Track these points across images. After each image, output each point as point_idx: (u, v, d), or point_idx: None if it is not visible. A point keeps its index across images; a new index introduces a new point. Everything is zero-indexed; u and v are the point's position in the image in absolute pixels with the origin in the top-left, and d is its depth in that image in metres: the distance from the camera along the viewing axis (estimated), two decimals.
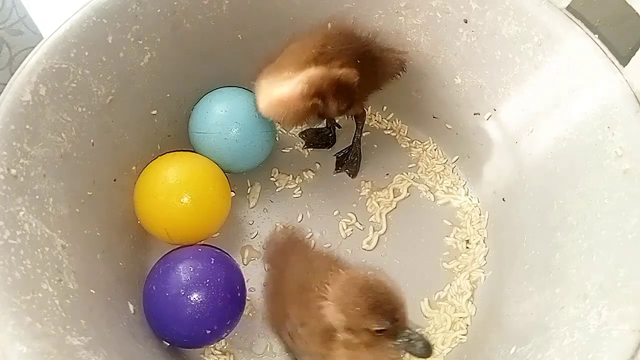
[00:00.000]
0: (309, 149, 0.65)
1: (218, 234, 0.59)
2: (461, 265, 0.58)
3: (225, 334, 0.52)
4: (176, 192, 0.52)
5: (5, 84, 0.43)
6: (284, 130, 0.66)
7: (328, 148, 0.64)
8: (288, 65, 0.51)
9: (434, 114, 0.62)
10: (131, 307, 0.51)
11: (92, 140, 0.50)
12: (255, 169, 0.62)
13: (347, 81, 0.51)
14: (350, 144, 0.63)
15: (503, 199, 0.57)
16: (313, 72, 0.50)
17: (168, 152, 0.57)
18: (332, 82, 0.51)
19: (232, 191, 0.58)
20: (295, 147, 0.65)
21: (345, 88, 0.52)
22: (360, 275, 0.41)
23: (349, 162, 0.63)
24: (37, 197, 0.44)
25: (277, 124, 0.62)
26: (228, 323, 0.50)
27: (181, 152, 0.57)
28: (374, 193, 0.62)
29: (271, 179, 0.63)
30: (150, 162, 0.56)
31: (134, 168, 0.56)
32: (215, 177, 0.56)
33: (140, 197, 0.54)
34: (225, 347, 0.54)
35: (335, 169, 0.64)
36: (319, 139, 0.64)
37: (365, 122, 0.66)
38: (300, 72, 0.50)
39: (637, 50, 0.46)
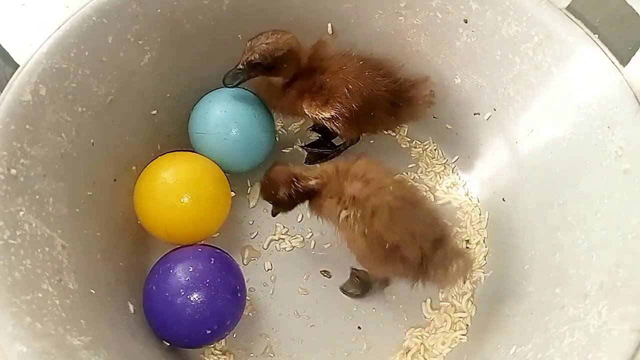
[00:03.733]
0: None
1: (218, 234, 0.59)
2: None
3: (226, 334, 0.52)
4: (176, 192, 0.52)
5: None
6: (284, 130, 0.66)
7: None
8: None
9: (434, 114, 0.62)
10: (131, 307, 0.51)
11: (92, 140, 0.50)
12: (255, 169, 0.61)
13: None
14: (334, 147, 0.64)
15: (503, 199, 0.57)
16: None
17: (168, 152, 0.57)
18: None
19: (232, 191, 0.58)
20: (295, 147, 0.65)
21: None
22: None
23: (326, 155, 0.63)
24: (37, 197, 0.44)
25: (276, 123, 0.62)
26: (228, 323, 0.50)
27: (181, 152, 0.57)
28: None
29: None
30: (150, 162, 0.56)
31: (134, 168, 0.56)
32: (215, 177, 0.56)
33: (140, 197, 0.54)
34: (225, 347, 0.54)
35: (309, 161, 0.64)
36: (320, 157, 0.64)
37: None
38: None
39: (637, 50, 0.46)
